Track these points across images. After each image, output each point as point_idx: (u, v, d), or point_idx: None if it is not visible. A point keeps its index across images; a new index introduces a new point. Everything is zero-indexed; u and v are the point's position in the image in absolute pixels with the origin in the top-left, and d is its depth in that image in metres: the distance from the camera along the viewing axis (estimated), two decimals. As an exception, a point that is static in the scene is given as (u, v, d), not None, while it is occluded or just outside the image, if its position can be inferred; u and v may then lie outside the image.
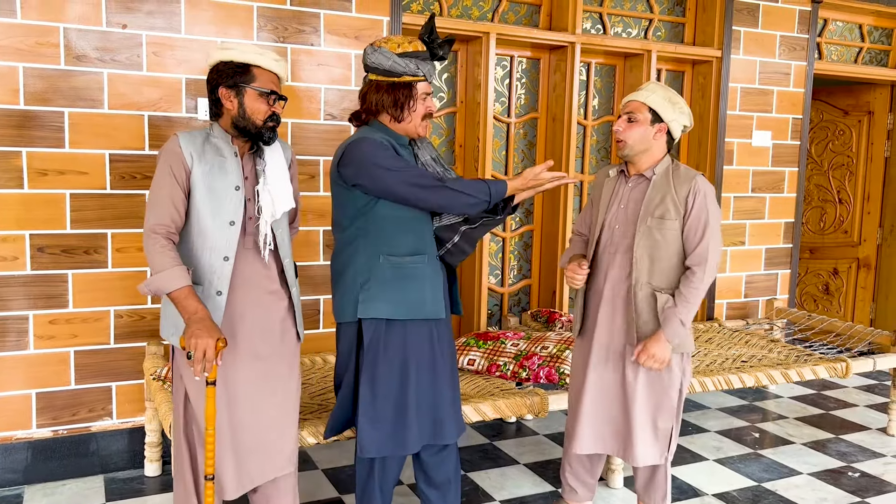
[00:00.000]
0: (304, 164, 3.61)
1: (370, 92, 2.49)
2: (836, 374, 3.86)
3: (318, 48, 3.59)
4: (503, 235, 4.47)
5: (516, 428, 4.14)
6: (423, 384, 2.55)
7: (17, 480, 3.27)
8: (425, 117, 2.52)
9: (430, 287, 2.51)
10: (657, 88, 2.67)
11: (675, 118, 2.66)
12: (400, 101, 2.45)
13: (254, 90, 2.22)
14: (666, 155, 2.72)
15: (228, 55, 2.22)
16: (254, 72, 2.23)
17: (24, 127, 3.12)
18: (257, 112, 2.24)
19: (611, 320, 2.72)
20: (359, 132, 2.52)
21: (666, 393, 2.68)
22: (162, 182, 2.20)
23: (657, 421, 2.70)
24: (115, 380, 3.38)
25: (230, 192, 2.24)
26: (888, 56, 5.46)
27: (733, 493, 3.39)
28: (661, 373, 2.66)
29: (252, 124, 2.24)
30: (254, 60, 2.23)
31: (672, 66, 4.75)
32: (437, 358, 2.58)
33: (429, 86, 2.50)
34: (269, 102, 2.25)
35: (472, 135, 4.21)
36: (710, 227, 2.60)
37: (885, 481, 3.56)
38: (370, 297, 2.47)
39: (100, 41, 3.20)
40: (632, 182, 2.72)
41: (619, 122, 2.69)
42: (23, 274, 3.18)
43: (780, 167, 4.96)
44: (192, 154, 2.22)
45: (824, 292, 6.03)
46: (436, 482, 2.71)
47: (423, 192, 2.41)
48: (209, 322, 2.08)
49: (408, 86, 2.45)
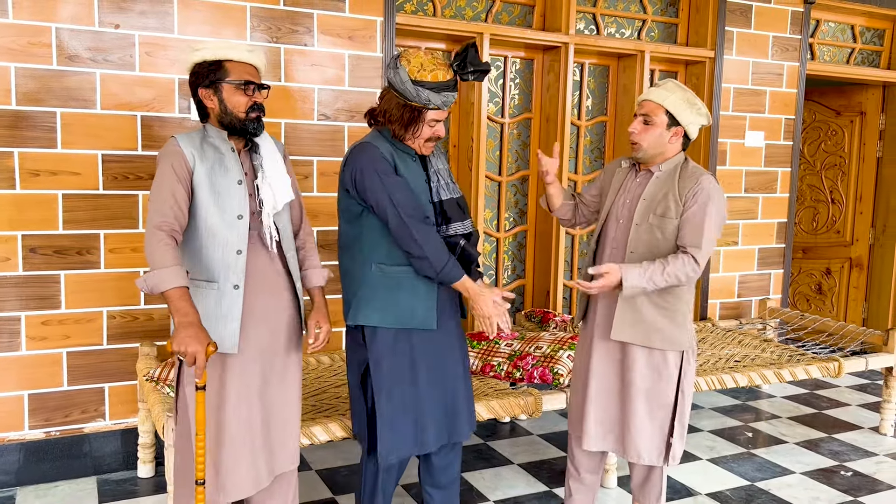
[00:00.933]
0: (298, 164, 3.60)
1: (385, 100, 2.48)
2: (828, 374, 3.88)
3: (312, 48, 3.58)
4: (497, 236, 4.48)
5: (510, 428, 4.14)
6: (435, 385, 2.57)
7: (10, 482, 3.25)
8: (430, 140, 2.50)
9: (422, 297, 2.49)
10: (675, 89, 2.59)
11: (693, 120, 2.59)
12: (405, 122, 2.43)
13: (229, 84, 2.23)
14: (679, 153, 2.66)
15: (200, 55, 2.24)
16: (226, 66, 2.24)
17: (17, 127, 3.11)
18: (237, 105, 2.25)
19: (611, 314, 2.68)
20: (368, 136, 2.53)
21: (663, 391, 2.66)
22: (164, 181, 2.19)
23: (655, 419, 2.68)
24: (108, 381, 3.37)
25: (234, 187, 2.26)
26: (880, 57, 5.49)
27: (726, 492, 3.40)
28: (660, 370, 2.65)
29: (235, 118, 2.25)
30: (225, 55, 2.23)
31: (665, 67, 4.76)
32: (447, 358, 2.59)
33: (441, 113, 2.45)
34: (248, 93, 2.26)
35: (465, 135, 4.22)
36: (704, 227, 2.52)
37: (878, 480, 3.58)
38: (361, 304, 2.49)
39: (92, 41, 3.18)
40: (640, 177, 2.68)
41: (634, 124, 2.62)
42: (15, 275, 3.17)
43: (772, 167, 4.98)
44: (193, 153, 2.22)
45: (817, 292, 6.05)
46: (441, 483, 2.74)
47: (394, 211, 2.38)
48: (198, 327, 2.07)
49: (417, 110, 2.42)
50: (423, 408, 2.54)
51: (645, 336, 2.61)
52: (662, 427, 2.68)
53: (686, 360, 2.67)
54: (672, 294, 2.61)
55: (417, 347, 2.53)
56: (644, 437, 2.68)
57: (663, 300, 2.61)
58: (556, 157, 2.81)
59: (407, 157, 2.51)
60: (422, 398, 2.54)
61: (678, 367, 2.65)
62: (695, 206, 2.54)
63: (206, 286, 2.25)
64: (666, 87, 2.61)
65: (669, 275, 2.49)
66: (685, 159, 2.66)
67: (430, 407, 2.56)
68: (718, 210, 2.56)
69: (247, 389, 2.31)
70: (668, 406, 2.66)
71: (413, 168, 2.51)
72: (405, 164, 2.50)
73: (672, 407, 2.67)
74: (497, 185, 4.45)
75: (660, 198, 2.60)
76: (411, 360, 2.52)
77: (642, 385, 2.66)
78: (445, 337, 2.59)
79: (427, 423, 2.55)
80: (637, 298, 2.59)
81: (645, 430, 2.68)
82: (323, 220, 3.68)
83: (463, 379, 2.66)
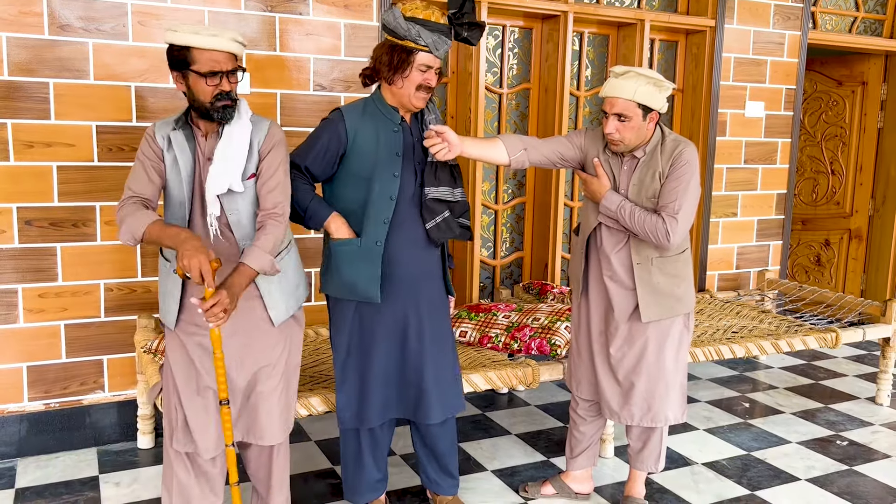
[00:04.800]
0: (294, 135, 3.57)
1: (377, 47, 2.47)
2: (826, 345, 3.88)
3: (307, 17, 3.53)
4: (495, 208, 4.46)
5: (508, 399, 4.16)
6: (389, 360, 2.58)
7: (10, 453, 3.27)
8: (420, 88, 2.44)
9: (363, 269, 2.49)
10: (640, 78, 2.50)
11: (663, 101, 2.56)
12: (394, 64, 2.40)
13: (193, 73, 2.19)
14: (656, 131, 2.64)
15: (171, 38, 2.19)
16: (193, 53, 2.18)
17: (9, 98, 3.08)
18: (202, 93, 2.20)
19: (625, 299, 2.70)
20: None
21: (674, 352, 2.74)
22: (137, 163, 2.30)
23: (667, 381, 2.74)
24: (106, 353, 3.38)
25: (185, 173, 2.28)
26: (883, 26, 5.42)
27: (723, 461, 3.43)
28: (670, 333, 2.70)
29: (202, 105, 2.22)
30: (188, 41, 2.16)
31: (665, 36, 4.70)
32: (409, 334, 2.58)
33: (433, 59, 2.42)
34: (211, 83, 2.19)
35: (463, 105, 4.18)
36: (683, 195, 2.55)
37: (873, 449, 3.60)
38: (323, 273, 2.61)
39: (84, 10, 3.14)
40: (626, 164, 2.66)
41: (610, 124, 2.55)
42: (11, 247, 3.16)
43: (772, 138, 4.94)
44: (164, 137, 2.28)
45: (816, 263, 6.05)
46: (434, 452, 2.77)
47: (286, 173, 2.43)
48: (197, 241, 2.10)
49: (407, 51, 2.39)
50: (368, 382, 2.56)
51: (669, 308, 2.68)
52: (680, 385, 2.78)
53: (690, 316, 2.77)
54: (681, 261, 2.69)
55: (368, 320, 2.55)
56: (657, 399, 2.74)
57: (674, 268, 2.68)
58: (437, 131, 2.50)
59: (383, 125, 2.48)
60: (368, 372, 2.56)
61: (685, 324, 2.76)
62: (674, 176, 2.57)
63: (166, 265, 2.35)
64: (629, 77, 2.51)
65: (638, 220, 2.56)
66: (661, 133, 2.65)
67: (377, 382, 2.57)
68: (696, 178, 2.60)
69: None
70: (680, 363, 2.76)
71: (386, 135, 2.48)
72: (375, 130, 2.47)
73: (680, 364, 2.77)
74: (495, 156, 4.42)
75: (648, 180, 2.62)
76: (361, 332, 2.56)
77: (654, 352, 2.71)
78: (406, 313, 2.57)
79: (371, 398, 2.57)
80: (652, 276, 2.64)
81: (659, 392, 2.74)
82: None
83: (433, 359, 2.60)
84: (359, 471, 2.70)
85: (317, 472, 3.24)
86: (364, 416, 2.59)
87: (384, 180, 2.47)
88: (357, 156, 2.47)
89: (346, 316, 2.58)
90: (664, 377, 2.73)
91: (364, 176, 2.47)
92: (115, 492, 3.01)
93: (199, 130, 2.29)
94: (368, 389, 2.57)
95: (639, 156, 2.64)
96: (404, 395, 2.62)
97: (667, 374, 2.73)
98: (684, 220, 2.55)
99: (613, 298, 2.70)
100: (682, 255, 2.70)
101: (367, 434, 2.65)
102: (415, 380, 2.60)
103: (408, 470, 3.25)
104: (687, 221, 2.57)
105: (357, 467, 2.69)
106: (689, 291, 2.72)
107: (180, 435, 2.35)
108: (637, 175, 2.63)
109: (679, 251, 2.69)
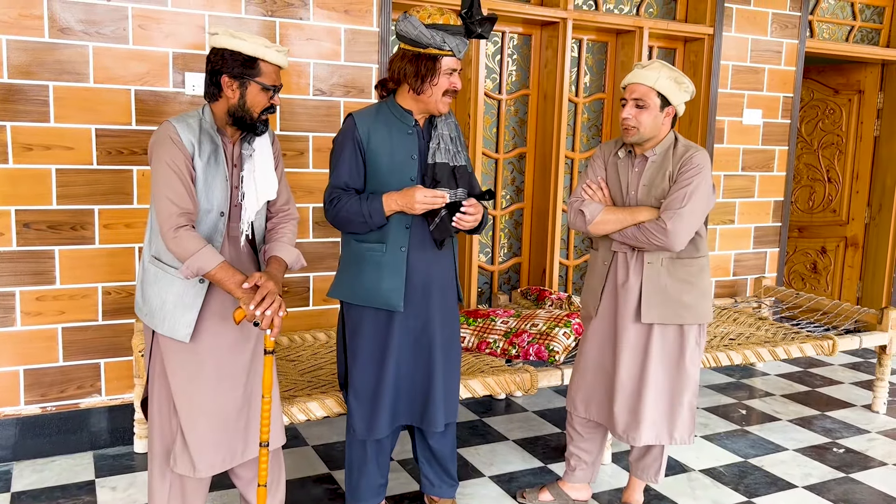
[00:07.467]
0: (293, 140, 3.58)
1: (396, 59, 2.47)
2: (822, 352, 3.89)
3: (307, 22, 3.54)
4: (494, 213, 4.46)
5: (506, 405, 4.16)
6: (404, 369, 2.57)
7: (6, 457, 3.26)
8: (447, 93, 2.45)
9: (387, 277, 2.48)
10: (663, 69, 2.55)
11: (682, 99, 2.59)
12: (421, 73, 2.40)
13: (258, 84, 2.20)
14: (669, 133, 2.66)
15: (237, 45, 2.17)
16: (260, 66, 2.20)
17: (9, 101, 3.07)
18: (257, 105, 2.22)
19: (624, 299, 2.68)
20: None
21: (681, 366, 2.69)
22: (170, 170, 2.15)
23: (674, 397, 2.70)
24: (104, 356, 3.37)
25: (221, 182, 2.23)
26: (879, 34, 5.45)
27: (720, 468, 3.43)
28: (680, 344, 2.66)
29: (249, 115, 2.23)
30: (262, 55, 2.19)
31: (664, 44, 4.72)
32: (423, 343, 2.58)
33: (456, 62, 2.44)
34: (271, 97, 2.25)
35: (462, 111, 4.19)
36: (687, 196, 2.54)
37: (869, 457, 3.61)
38: (339, 279, 2.58)
39: (84, 13, 3.14)
40: (637, 164, 2.67)
41: (627, 109, 2.57)
42: (9, 250, 3.15)
43: (770, 146, 4.96)
44: (193, 143, 2.18)
45: (812, 271, 6.06)
46: (436, 456, 2.77)
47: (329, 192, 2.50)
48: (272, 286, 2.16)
49: (432, 58, 2.40)
50: (380, 393, 2.55)
51: (672, 314, 2.63)
52: (688, 404, 2.72)
53: (702, 332, 2.71)
54: (694, 266, 2.65)
55: (383, 327, 2.53)
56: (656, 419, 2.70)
57: (685, 273, 2.64)
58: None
59: (396, 128, 2.49)
60: (381, 382, 2.55)
61: (696, 340, 2.69)
62: (682, 180, 2.56)
63: (173, 272, 2.21)
64: (653, 67, 2.56)
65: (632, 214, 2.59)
66: (675, 138, 2.66)
67: (389, 393, 2.56)
68: (707, 183, 2.58)
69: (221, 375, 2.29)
70: (689, 379, 2.70)
71: (399, 138, 2.49)
72: (388, 133, 2.48)
73: (689, 380, 2.70)
74: (494, 162, 4.43)
75: (658, 181, 2.61)
76: (377, 340, 2.54)
77: (662, 364, 2.67)
78: (420, 321, 2.57)
79: (382, 409, 2.56)
80: (660, 277, 2.62)
81: (658, 412, 2.70)
82: (318, 196, 3.66)
83: (443, 367, 2.61)
84: (363, 476, 2.69)
85: (315, 478, 3.23)
86: (375, 427, 2.58)
87: (403, 184, 2.48)
88: (374, 157, 2.49)
89: (360, 321, 2.55)
90: (669, 394, 2.69)
91: (382, 180, 2.49)
92: (111, 496, 3.00)
93: (227, 137, 2.28)
94: (380, 400, 2.56)
95: (649, 156, 2.63)
96: (412, 403, 2.62)
97: (672, 392, 2.70)
98: (689, 216, 2.53)
99: (622, 305, 2.67)
100: (697, 261, 2.66)
101: (374, 442, 2.65)
102: (424, 387, 2.60)
103: (405, 475, 3.25)
104: (692, 218, 2.54)
105: (361, 473, 2.69)
106: (700, 301, 2.65)
107: (179, 457, 2.27)
108: (647, 175, 2.63)
109: (694, 255, 2.65)
